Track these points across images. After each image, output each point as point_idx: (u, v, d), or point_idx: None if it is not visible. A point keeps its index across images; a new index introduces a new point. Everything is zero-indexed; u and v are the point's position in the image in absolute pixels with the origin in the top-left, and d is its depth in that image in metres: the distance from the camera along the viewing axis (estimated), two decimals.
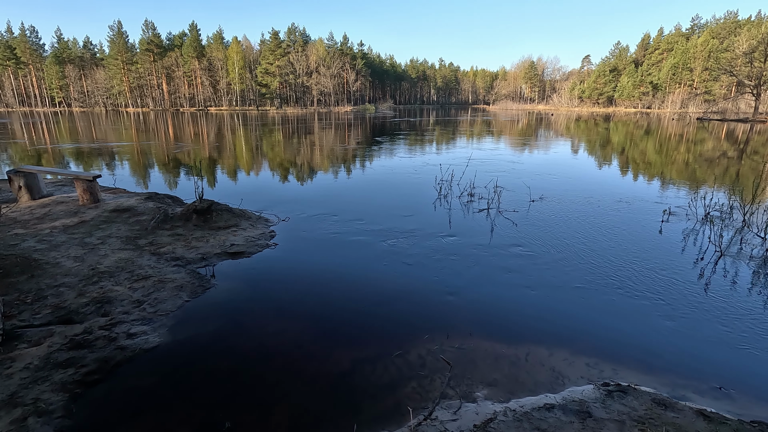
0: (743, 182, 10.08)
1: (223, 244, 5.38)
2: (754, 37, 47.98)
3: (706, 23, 75.98)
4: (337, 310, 3.91)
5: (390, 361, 3.07)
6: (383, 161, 14.10)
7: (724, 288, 4.32)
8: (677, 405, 2.48)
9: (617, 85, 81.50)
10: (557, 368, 2.99)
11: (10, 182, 7.12)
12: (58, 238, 5.39)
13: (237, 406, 2.62)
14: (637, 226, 6.48)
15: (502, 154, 15.73)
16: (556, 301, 4.03)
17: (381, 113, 64.40)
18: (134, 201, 7.04)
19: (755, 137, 23.74)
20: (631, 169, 12.48)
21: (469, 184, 8.88)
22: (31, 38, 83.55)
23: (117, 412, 2.57)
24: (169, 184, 10.08)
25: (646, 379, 2.86)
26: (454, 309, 3.89)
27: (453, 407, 2.56)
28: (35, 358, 2.94)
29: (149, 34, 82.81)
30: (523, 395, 2.69)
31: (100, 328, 3.39)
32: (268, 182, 10.37)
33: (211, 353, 3.21)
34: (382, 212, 7.28)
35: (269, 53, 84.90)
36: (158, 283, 4.24)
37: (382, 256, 5.16)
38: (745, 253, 5.31)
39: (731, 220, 6.67)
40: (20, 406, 2.49)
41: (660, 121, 41.58)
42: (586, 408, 2.46)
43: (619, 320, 3.69)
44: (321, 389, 2.81)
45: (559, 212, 7.24)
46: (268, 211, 7.15)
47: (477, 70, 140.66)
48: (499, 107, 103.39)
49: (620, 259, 5.09)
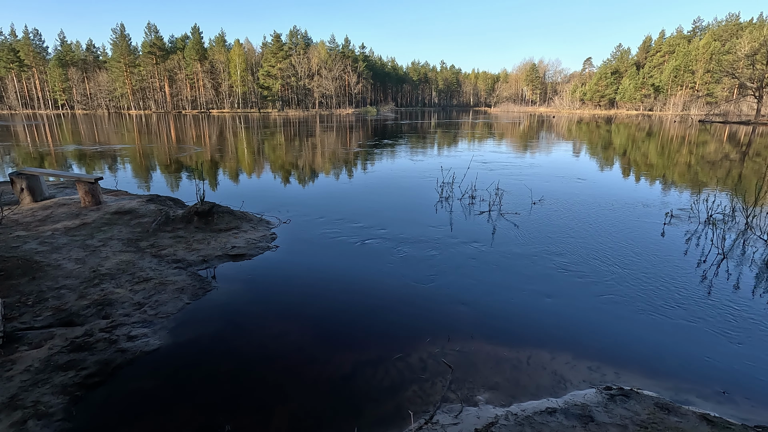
0: (746, 185, 10.04)
1: (224, 247, 5.38)
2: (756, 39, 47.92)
3: (708, 25, 75.91)
4: (338, 313, 3.90)
5: (391, 364, 3.05)
6: (384, 164, 14.11)
7: (727, 291, 4.29)
8: (680, 409, 2.46)
9: (619, 87, 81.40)
10: (559, 372, 2.97)
11: (13, 184, 7.14)
12: (59, 240, 5.40)
13: (238, 409, 2.61)
14: (639, 228, 6.46)
15: (504, 156, 15.72)
16: (558, 305, 4.01)
17: (382, 116, 64.49)
18: (136, 203, 7.05)
19: (757, 139, 23.67)
20: (633, 172, 12.45)
21: (470, 187, 8.86)
22: (34, 41, 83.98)
23: (117, 415, 2.56)
24: (171, 186, 10.10)
25: (649, 383, 2.83)
26: (455, 312, 3.87)
27: (454, 411, 2.55)
28: (36, 361, 2.94)
29: (152, 37, 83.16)
30: (524, 399, 2.67)
31: (101, 330, 3.38)
32: (270, 185, 10.38)
33: (211, 356, 3.20)
34: (384, 215, 7.27)
35: (271, 56, 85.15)
36: (159, 285, 4.23)
37: (382, 259, 5.15)
38: (748, 255, 5.29)
39: (734, 222, 6.64)
40: (20, 409, 2.48)
41: (662, 124, 41.51)
42: (589, 412, 2.44)
43: (622, 323, 3.67)
44: (322, 392, 2.80)
45: (560, 214, 7.22)
46: (270, 213, 7.16)
47: (478, 73, 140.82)
48: (500, 109, 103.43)
49: (622, 261, 5.07)
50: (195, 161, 14.49)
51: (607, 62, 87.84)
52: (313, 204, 8.08)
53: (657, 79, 74.44)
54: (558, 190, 9.29)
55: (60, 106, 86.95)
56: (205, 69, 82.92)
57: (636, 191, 9.42)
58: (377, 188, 9.70)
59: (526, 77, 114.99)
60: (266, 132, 29.58)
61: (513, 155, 16.06)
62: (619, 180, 10.96)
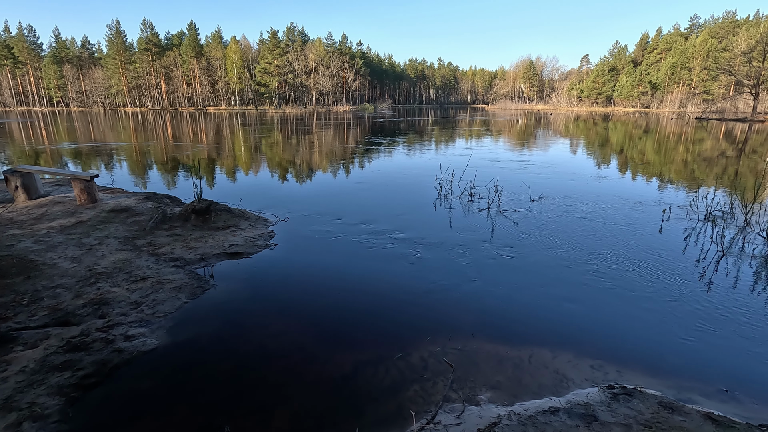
0: (744, 182, 10.06)
1: (222, 245, 5.33)
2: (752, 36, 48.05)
3: (705, 23, 76.00)
4: (337, 311, 3.87)
5: (392, 364, 3.02)
6: (382, 161, 14.06)
7: (727, 288, 4.29)
8: (684, 408, 2.44)
9: (616, 84, 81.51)
10: (561, 370, 2.95)
11: (7, 182, 7.06)
12: (55, 238, 5.34)
13: (237, 410, 2.58)
14: (637, 225, 6.45)
15: (502, 153, 15.69)
16: (559, 302, 3.99)
17: (380, 113, 64.34)
18: (132, 201, 6.98)
19: (754, 137, 23.76)
20: (631, 169, 12.45)
21: (469, 184, 8.84)
22: (28, 38, 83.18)
23: (114, 417, 2.52)
24: (168, 183, 10.02)
25: (652, 382, 2.82)
26: (455, 310, 3.84)
27: (456, 411, 2.52)
28: (31, 361, 2.89)
29: (147, 33, 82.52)
30: (527, 398, 2.65)
31: (98, 330, 3.34)
32: (267, 182, 10.32)
33: (210, 355, 3.16)
34: (382, 212, 7.24)
35: (268, 53, 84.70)
36: (156, 284, 4.19)
37: (382, 257, 5.12)
38: (747, 252, 5.28)
39: (733, 219, 6.64)
40: (15, 411, 2.44)
41: (659, 121, 41.60)
42: (592, 411, 2.42)
43: (623, 321, 3.65)
44: (322, 392, 2.77)
45: (559, 212, 7.21)
46: (267, 211, 7.10)
47: (476, 70, 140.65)
48: (498, 107, 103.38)
49: (622, 259, 5.06)
50: (192, 159, 14.40)
51: (605, 59, 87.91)
52: (311, 202, 8.03)
53: (654, 76, 74.55)
54: (557, 187, 9.28)
55: (55, 104, 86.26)
56: (202, 66, 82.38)
57: (633, 188, 9.42)
58: (375, 186, 9.66)
59: (524, 74, 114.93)
60: (263, 129, 29.44)
61: (511, 152, 16.04)
62: (617, 177, 10.96)
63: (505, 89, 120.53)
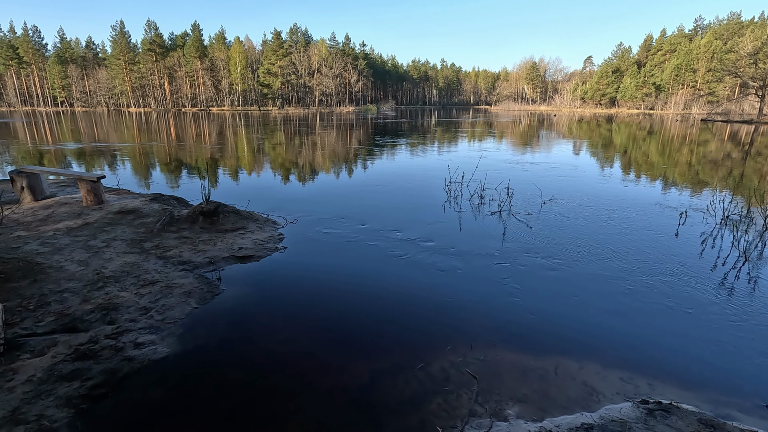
0: (759, 185, 9.89)
1: (231, 248, 5.23)
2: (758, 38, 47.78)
3: (709, 24, 75.62)
4: (351, 317, 3.76)
5: (411, 374, 2.91)
6: (388, 162, 13.95)
7: (755, 295, 4.15)
8: (726, 426, 2.32)
9: (620, 86, 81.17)
10: (589, 383, 2.82)
11: (13, 183, 6.98)
12: (61, 240, 5.24)
13: (249, 420, 2.47)
14: (653, 229, 6.31)
15: (509, 155, 15.55)
16: (580, 309, 3.87)
17: (383, 114, 64.24)
18: (139, 202, 6.89)
19: (759, 139, 23.52)
20: (636, 170, 12.29)
21: (478, 186, 8.70)
22: (33, 38, 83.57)
23: (124, 429, 2.42)
24: (174, 185, 9.94)
25: (685, 396, 2.69)
26: (474, 317, 3.72)
27: (483, 426, 2.40)
28: (38, 370, 2.78)
29: (151, 34, 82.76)
30: (556, 413, 2.53)
31: (106, 337, 3.23)
32: (274, 183, 10.21)
33: (221, 363, 3.05)
34: (392, 214, 7.12)
35: (271, 53, 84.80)
36: (165, 288, 4.08)
37: (393, 261, 5.00)
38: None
39: (752, 223, 6.49)
40: (23, 424, 2.34)
41: (663, 123, 41.33)
42: (628, 429, 2.29)
43: (649, 331, 3.52)
44: (338, 403, 2.65)
45: (571, 214, 7.07)
46: (276, 213, 7.00)
47: (479, 71, 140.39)
48: (501, 108, 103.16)
49: (641, 265, 4.92)
50: (197, 159, 14.32)
51: (608, 61, 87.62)
52: (319, 203, 7.92)
53: (658, 77, 74.22)
54: (567, 189, 9.14)
55: (59, 104, 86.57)
56: (205, 66, 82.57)
57: (643, 190, 9.27)
58: (382, 187, 9.54)
59: (527, 76, 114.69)
60: (267, 130, 29.38)
61: (517, 154, 15.89)
62: (626, 179, 10.80)
63: (508, 90, 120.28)
